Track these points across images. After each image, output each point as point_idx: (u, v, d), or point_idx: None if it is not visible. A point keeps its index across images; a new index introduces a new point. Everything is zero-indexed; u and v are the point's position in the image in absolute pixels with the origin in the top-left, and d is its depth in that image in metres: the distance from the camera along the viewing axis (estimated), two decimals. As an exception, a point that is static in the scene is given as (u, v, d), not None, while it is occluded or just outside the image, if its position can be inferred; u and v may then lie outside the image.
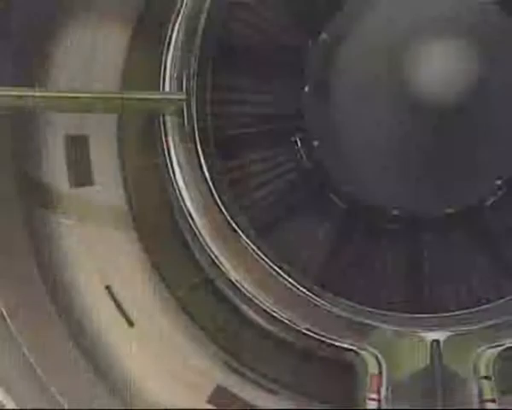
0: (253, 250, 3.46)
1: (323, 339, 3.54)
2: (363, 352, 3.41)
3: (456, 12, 3.47)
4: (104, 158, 3.63)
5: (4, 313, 2.99)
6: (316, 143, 3.82)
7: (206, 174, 3.43)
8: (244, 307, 3.70)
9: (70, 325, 3.40)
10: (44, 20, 3.31)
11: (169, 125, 3.52)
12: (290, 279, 3.50)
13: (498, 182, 3.78)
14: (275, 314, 3.58)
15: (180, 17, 3.47)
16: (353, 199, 3.86)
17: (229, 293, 3.69)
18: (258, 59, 3.86)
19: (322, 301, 3.49)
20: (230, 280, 3.59)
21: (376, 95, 3.52)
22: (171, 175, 3.55)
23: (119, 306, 3.57)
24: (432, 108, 3.31)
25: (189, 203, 3.55)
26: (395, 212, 3.84)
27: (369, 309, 3.69)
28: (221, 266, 3.58)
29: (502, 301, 3.70)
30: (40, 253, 3.41)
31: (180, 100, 3.39)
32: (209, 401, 3.55)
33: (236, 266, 3.57)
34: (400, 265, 3.92)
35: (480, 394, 3.10)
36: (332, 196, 3.93)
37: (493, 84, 3.38)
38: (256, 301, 3.58)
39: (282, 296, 3.58)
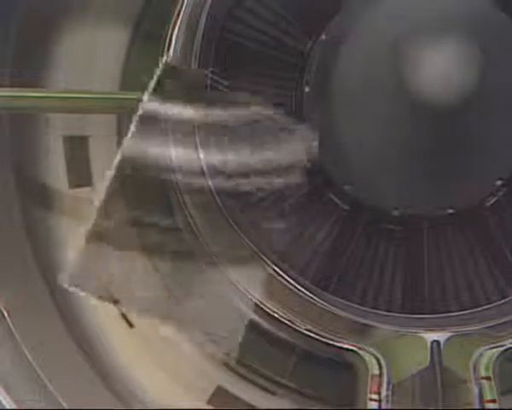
0: (254, 250, 3.46)
1: (323, 339, 3.54)
2: (363, 352, 3.40)
3: (456, 12, 3.47)
4: (104, 158, 3.62)
5: (4, 313, 2.99)
6: (316, 143, 3.81)
7: (207, 174, 3.43)
8: (244, 308, 3.70)
9: (70, 325, 3.41)
10: (44, 20, 3.31)
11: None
12: (290, 279, 3.49)
13: (499, 182, 3.78)
14: (275, 314, 3.58)
15: (180, 17, 3.47)
16: (353, 199, 3.86)
17: (229, 293, 3.69)
18: (258, 59, 3.86)
19: (322, 301, 3.49)
20: (231, 280, 3.59)
21: (376, 95, 3.52)
22: (172, 175, 3.54)
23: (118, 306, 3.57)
24: (432, 108, 3.31)
25: (188, 203, 3.55)
26: (395, 212, 3.84)
27: (369, 309, 3.69)
28: (221, 267, 3.58)
29: (502, 301, 3.70)
30: (40, 253, 3.42)
31: (180, 100, 3.39)
32: (209, 402, 3.55)
33: (236, 266, 3.57)
34: (400, 265, 3.92)
35: (481, 394, 3.10)
36: (332, 196, 3.93)
37: (493, 83, 3.37)
38: (256, 302, 3.57)
39: (282, 296, 3.57)
